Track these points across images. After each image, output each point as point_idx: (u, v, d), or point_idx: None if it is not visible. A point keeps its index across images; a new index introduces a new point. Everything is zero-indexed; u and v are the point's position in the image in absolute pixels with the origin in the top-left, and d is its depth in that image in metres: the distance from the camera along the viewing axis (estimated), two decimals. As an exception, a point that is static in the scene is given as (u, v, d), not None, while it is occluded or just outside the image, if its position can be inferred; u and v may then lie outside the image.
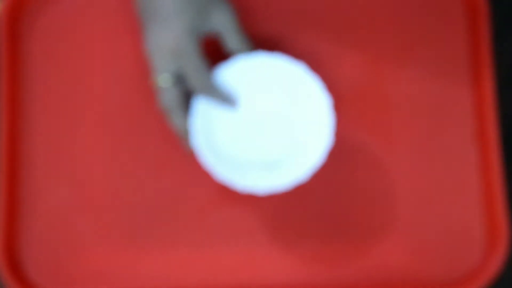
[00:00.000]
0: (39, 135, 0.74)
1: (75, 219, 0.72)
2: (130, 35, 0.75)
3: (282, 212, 0.73)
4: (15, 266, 0.71)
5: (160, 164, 0.73)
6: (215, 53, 0.75)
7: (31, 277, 0.71)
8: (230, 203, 0.73)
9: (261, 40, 0.75)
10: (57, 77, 0.75)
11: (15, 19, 0.75)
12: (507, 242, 0.71)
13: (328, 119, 0.68)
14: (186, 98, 0.68)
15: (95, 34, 0.76)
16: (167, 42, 0.65)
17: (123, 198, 0.73)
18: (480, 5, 0.74)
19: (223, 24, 0.67)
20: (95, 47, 0.75)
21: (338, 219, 0.73)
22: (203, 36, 0.67)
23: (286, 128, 0.71)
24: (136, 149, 0.74)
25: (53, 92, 0.75)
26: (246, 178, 0.67)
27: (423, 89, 0.75)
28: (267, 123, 0.71)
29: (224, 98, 0.68)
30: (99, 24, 0.76)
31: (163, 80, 0.66)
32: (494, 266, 0.70)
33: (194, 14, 0.65)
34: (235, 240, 0.72)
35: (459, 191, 0.74)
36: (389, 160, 0.74)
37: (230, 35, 0.68)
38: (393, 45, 0.76)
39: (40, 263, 0.72)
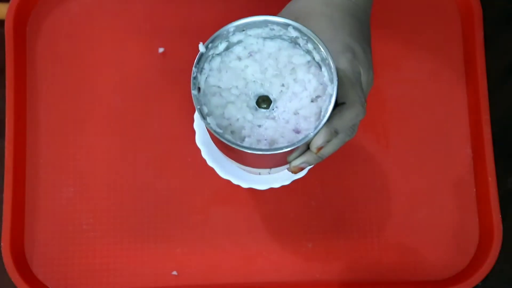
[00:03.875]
0: (44, 135, 0.74)
1: (79, 218, 0.73)
2: (135, 36, 0.76)
3: (280, 211, 0.73)
4: (21, 264, 0.72)
5: (162, 164, 0.74)
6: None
7: (36, 275, 0.72)
8: (229, 202, 0.73)
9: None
10: (61, 79, 0.75)
11: (20, 21, 0.75)
12: (499, 240, 0.71)
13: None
14: None
15: (100, 36, 0.76)
16: None
17: (126, 198, 0.73)
18: (474, 9, 0.75)
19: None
20: (100, 49, 0.76)
21: (335, 218, 0.74)
22: None
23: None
24: (139, 149, 0.74)
25: (57, 93, 0.75)
26: (246, 177, 0.68)
27: (419, 91, 0.76)
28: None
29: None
30: (103, 26, 0.76)
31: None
32: (488, 264, 0.71)
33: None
34: (234, 239, 0.73)
35: (453, 190, 0.74)
36: (386, 159, 0.75)
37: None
38: (390, 48, 0.77)
39: (45, 261, 0.72)
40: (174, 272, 0.72)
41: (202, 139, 0.68)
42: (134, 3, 0.77)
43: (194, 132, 0.68)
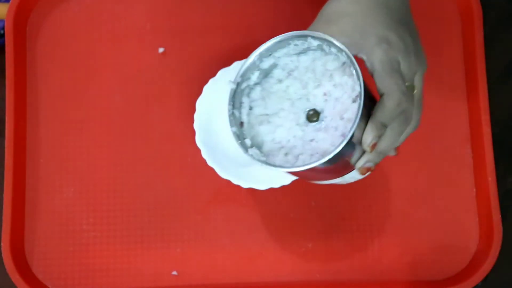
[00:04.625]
0: (44, 135, 0.74)
1: (79, 218, 0.73)
2: (135, 36, 0.76)
3: (280, 211, 0.73)
4: (21, 264, 0.71)
5: (162, 164, 0.74)
6: (216, 53, 0.76)
7: (36, 275, 0.72)
8: (229, 202, 0.73)
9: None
10: (61, 79, 0.75)
11: (20, 21, 0.75)
12: (499, 240, 0.71)
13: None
14: None
15: (100, 36, 0.76)
16: None
17: (126, 198, 0.73)
18: (474, 9, 0.75)
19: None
20: (100, 49, 0.76)
21: (335, 218, 0.73)
22: None
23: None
24: (139, 149, 0.74)
25: (58, 93, 0.75)
26: (246, 177, 0.68)
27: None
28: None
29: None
30: (103, 26, 0.76)
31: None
32: (488, 264, 0.71)
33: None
34: (234, 239, 0.73)
35: (453, 190, 0.74)
36: (386, 159, 0.73)
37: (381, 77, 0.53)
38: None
39: (45, 261, 0.72)
40: (174, 272, 0.72)
41: (202, 139, 0.68)
42: (134, 3, 0.77)
43: (194, 132, 0.68)
